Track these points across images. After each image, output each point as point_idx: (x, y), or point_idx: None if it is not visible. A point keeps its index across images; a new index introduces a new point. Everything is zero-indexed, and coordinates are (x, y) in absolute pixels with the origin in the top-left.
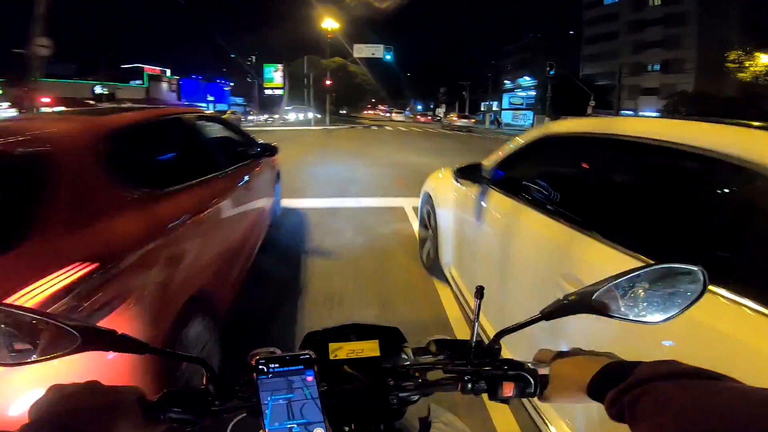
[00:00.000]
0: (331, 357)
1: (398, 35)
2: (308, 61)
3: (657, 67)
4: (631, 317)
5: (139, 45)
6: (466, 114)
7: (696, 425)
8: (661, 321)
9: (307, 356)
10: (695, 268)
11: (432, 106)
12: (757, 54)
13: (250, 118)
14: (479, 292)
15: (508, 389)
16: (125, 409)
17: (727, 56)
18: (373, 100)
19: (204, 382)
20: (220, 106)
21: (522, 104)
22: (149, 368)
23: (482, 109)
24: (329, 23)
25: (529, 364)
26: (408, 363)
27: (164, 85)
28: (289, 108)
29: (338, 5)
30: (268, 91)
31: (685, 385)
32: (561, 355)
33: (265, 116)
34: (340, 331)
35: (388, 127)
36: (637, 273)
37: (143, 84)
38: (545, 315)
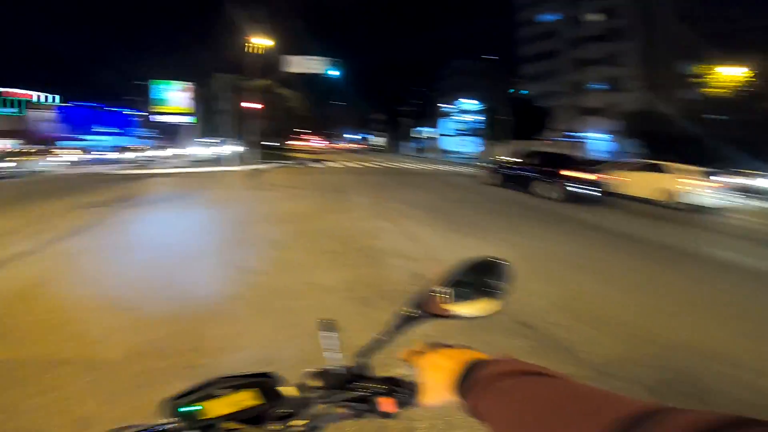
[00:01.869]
0: (208, 416)
1: (329, 56)
2: (226, 82)
3: (599, 86)
4: (463, 315)
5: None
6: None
7: (529, 415)
8: (486, 314)
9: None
10: (504, 261)
11: (363, 136)
12: (716, 66)
13: (127, 155)
14: (328, 326)
15: (388, 405)
16: None
17: (685, 72)
18: (302, 129)
19: None
20: (122, 140)
21: (464, 130)
22: None
23: (412, 135)
24: (257, 38)
25: (402, 373)
26: (290, 403)
27: (42, 114)
28: (209, 141)
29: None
30: (162, 118)
31: (523, 381)
32: (424, 352)
33: (171, 152)
34: (203, 389)
35: (333, 163)
36: (458, 270)
37: (19, 111)
38: (397, 331)
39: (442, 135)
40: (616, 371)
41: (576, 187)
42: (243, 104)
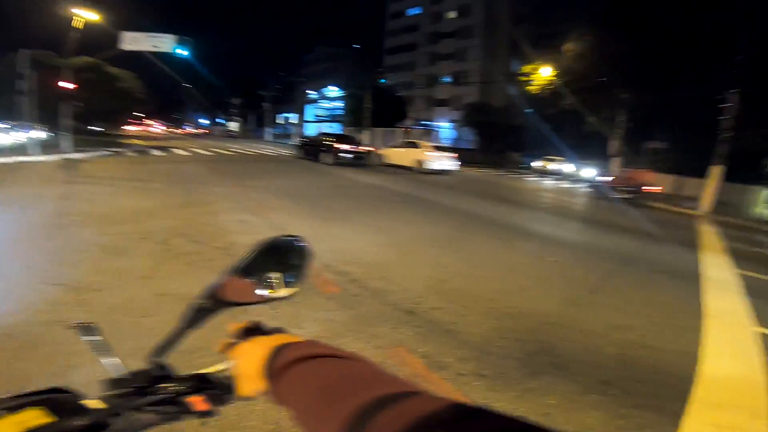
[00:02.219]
0: None
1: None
2: (29, 58)
3: (448, 79)
4: (266, 298)
5: None
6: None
7: (308, 397)
8: (292, 294)
9: None
10: (296, 237)
11: (215, 121)
12: (538, 67)
13: None
14: (87, 330)
15: (200, 403)
16: None
17: (516, 71)
18: (142, 113)
19: None
20: None
21: (327, 116)
22: None
23: (278, 122)
24: (77, 9)
25: (218, 368)
26: (90, 416)
27: None
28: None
29: None
30: None
31: (313, 364)
32: (237, 342)
33: None
34: None
35: (182, 151)
36: (250, 254)
37: None
38: (190, 324)
39: (306, 121)
40: (492, 349)
41: (344, 155)
42: (58, 84)
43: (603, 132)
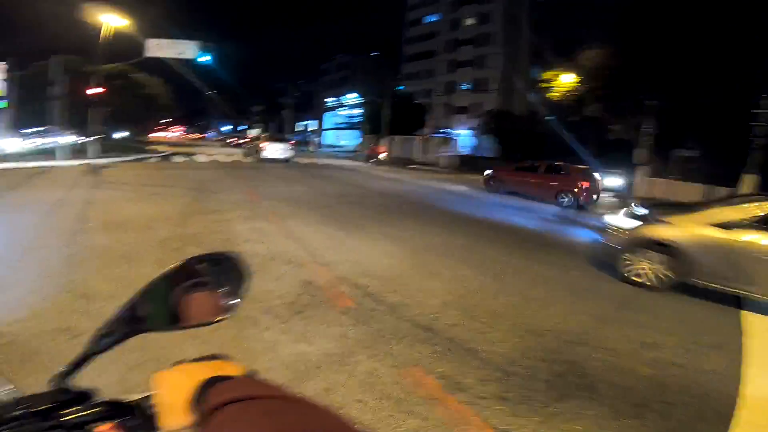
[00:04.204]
0: None
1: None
2: (62, 64)
3: (466, 86)
4: (196, 323)
5: None
6: None
7: None
8: (224, 317)
9: None
10: (227, 254)
11: (243, 128)
12: (560, 74)
13: None
14: None
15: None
16: None
17: (536, 77)
18: (167, 120)
19: None
20: None
21: (344, 123)
22: None
23: (297, 129)
24: (107, 15)
25: (141, 396)
26: None
27: None
28: (32, 131)
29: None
30: None
31: (254, 408)
32: (169, 369)
33: None
34: None
35: (202, 157)
36: (164, 277)
37: None
38: (99, 348)
39: (325, 130)
40: (516, 369)
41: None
42: (86, 90)
43: (627, 140)
